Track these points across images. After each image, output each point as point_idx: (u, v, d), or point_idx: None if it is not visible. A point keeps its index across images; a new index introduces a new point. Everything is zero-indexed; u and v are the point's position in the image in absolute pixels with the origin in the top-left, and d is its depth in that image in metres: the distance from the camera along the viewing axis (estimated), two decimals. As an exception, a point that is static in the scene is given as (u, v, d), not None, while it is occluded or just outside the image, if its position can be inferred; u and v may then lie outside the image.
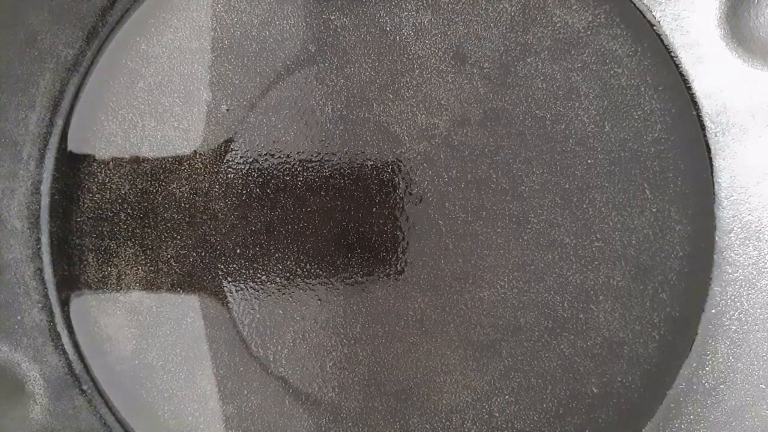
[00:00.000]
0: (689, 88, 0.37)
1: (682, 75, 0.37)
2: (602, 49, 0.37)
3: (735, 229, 0.36)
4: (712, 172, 0.36)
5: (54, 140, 0.36)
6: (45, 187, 0.35)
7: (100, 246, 0.35)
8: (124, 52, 0.36)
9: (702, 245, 0.36)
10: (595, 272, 0.35)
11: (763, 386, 0.33)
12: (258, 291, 0.35)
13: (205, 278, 0.35)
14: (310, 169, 0.35)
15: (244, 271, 0.35)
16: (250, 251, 0.35)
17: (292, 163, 0.35)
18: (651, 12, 0.37)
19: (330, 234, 0.35)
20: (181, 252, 0.35)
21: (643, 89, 0.37)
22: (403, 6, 0.37)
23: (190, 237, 0.35)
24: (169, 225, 0.35)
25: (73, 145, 0.36)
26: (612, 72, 0.37)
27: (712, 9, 0.35)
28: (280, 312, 0.35)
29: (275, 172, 0.35)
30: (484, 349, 0.34)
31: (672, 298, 0.35)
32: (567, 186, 0.36)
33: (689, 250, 0.36)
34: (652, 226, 0.36)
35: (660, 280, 0.35)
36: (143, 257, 0.35)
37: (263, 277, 0.35)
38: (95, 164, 0.36)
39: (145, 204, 0.35)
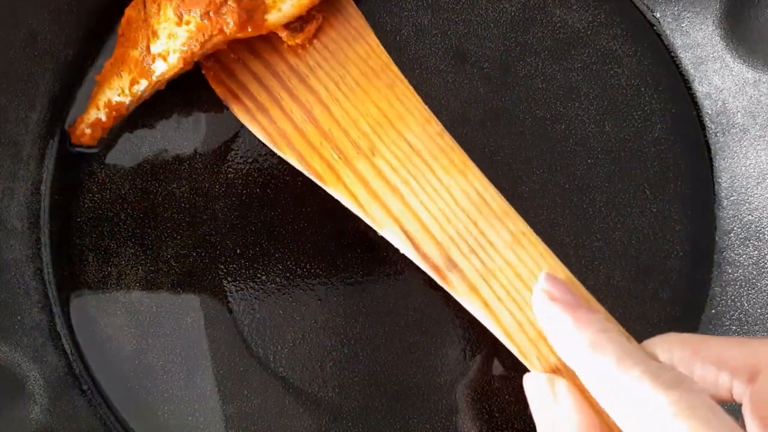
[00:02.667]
0: (689, 88, 0.37)
1: (682, 75, 0.37)
2: (602, 49, 0.37)
3: (735, 229, 0.36)
4: (712, 172, 0.36)
5: (54, 140, 0.36)
6: (45, 187, 0.35)
7: (100, 246, 0.35)
8: (124, 52, 0.36)
9: (702, 245, 0.36)
10: (595, 272, 0.35)
11: (763, 386, 0.33)
12: (258, 291, 0.35)
13: (205, 278, 0.35)
14: (310, 169, 0.35)
15: (244, 271, 0.35)
16: (250, 251, 0.35)
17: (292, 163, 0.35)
18: (651, 12, 0.37)
19: (330, 233, 0.35)
20: (181, 252, 0.35)
21: (643, 89, 0.37)
22: (403, 6, 0.37)
23: (190, 237, 0.35)
24: (169, 225, 0.35)
25: (73, 145, 0.36)
26: (612, 72, 0.37)
27: (712, 9, 0.35)
28: (280, 312, 0.35)
29: (275, 172, 0.35)
30: (485, 348, 0.34)
31: (672, 298, 0.35)
32: (567, 186, 0.36)
33: (689, 250, 0.36)
34: (652, 226, 0.36)
35: (660, 280, 0.35)
36: (143, 257, 0.35)
37: (263, 277, 0.35)
38: (95, 164, 0.36)
39: (145, 204, 0.35)
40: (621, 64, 0.37)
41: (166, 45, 0.32)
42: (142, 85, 0.33)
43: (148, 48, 0.32)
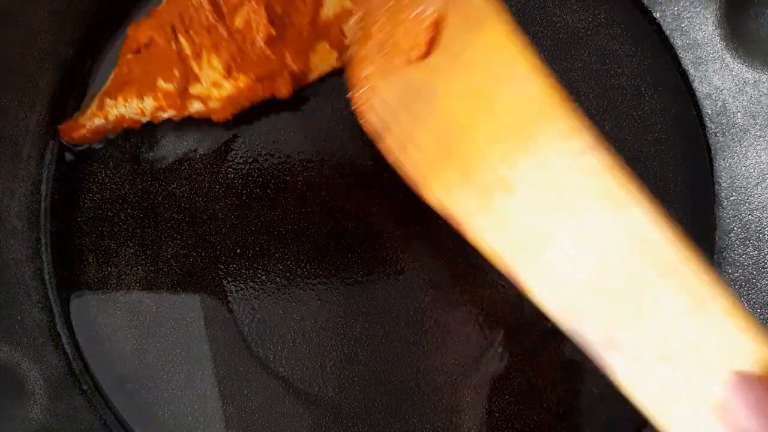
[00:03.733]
0: (689, 88, 0.37)
1: (682, 75, 0.37)
2: (602, 49, 0.37)
3: (735, 229, 0.36)
4: (712, 172, 0.36)
5: (54, 140, 0.36)
6: (45, 187, 0.35)
7: (100, 246, 0.35)
8: (124, 52, 0.36)
9: (702, 245, 0.36)
10: (595, 272, 0.35)
11: (763, 386, 0.33)
12: (258, 291, 0.35)
13: (205, 278, 0.35)
14: (310, 169, 0.35)
15: (244, 271, 0.35)
16: (250, 251, 0.35)
17: (292, 163, 0.35)
18: (651, 12, 0.37)
19: (330, 234, 0.35)
20: (181, 252, 0.35)
21: (643, 89, 0.37)
22: (403, 6, 0.37)
23: (190, 237, 0.35)
24: (169, 225, 0.35)
25: (73, 145, 0.36)
26: (612, 72, 0.37)
27: (712, 9, 0.35)
28: (280, 312, 0.35)
29: (275, 172, 0.35)
30: (484, 348, 0.34)
31: (672, 298, 0.35)
32: (567, 186, 0.36)
33: (689, 250, 0.36)
34: (652, 226, 0.36)
35: (660, 280, 0.35)
36: (143, 257, 0.35)
37: (263, 277, 0.35)
38: (95, 164, 0.36)
39: (145, 204, 0.35)
40: (621, 64, 0.37)
41: (208, 91, 0.32)
42: (169, 113, 0.33)
43: (185, 87, 0.32)
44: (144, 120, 0.34)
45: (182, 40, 0.31)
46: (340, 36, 0.32)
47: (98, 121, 0.34)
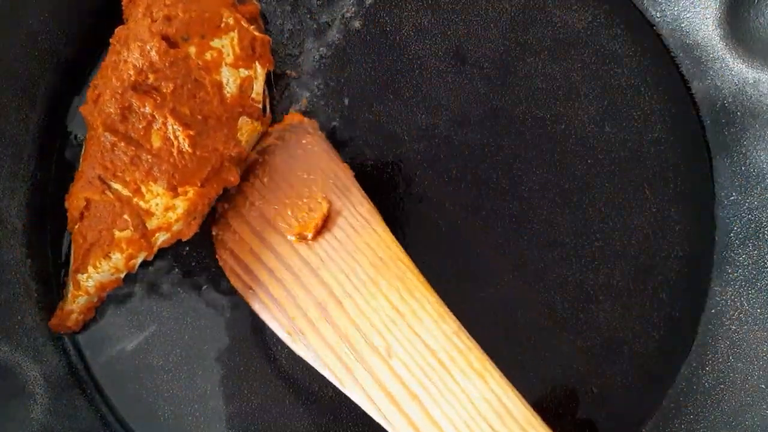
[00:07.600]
0: (689, 88, 0.37)
1: (682, 75, 0.37)
2: (602, 49, 0.37)
3: (735, 229, 0.36)
4: (711, 171, 0.36)
5: (54, 140, 0.36)
6: (45, 187, 0.35)
7: (100, 246, 0.35)
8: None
9: (702, 245, 0.36)
10: (595, 272, 0.35)
11: (763, 386, 0.33)
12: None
13: (205, 278, 0.35)
14: (310, 169, 0.35)
15: (244, 271, 0.35)
16: (250, 251, 0.35)
17: (292, 163, 0.35)
18: (651, 12, 0.37)
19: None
20: (181, 252, 0.35)
21: (643, 89, 0.37)
22: (403, 6, 0.37)
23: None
24: (169, 225, 0.35)
25: (73, 145, 0.36)
26: (612, 72, 0.37)
27: (712, 9, 0.35)
28: (280, 312, 0.35)
29: (275, 172, 0.35)
30: (483, 348, 0.34)
31: (672, 298, 0.35)
32: (567, 186, 0.36)
33: (689, 250, 0.36)
34: (652, 226, 0.36)
35: (660, 280, 0.35)
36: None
37: (263, 277, 0.35)
38: (95, 164, 0.36)
39: (145, 204, 0.35)
40: (621, 64, 0.37)
41: (165, 217, 0.31)
42: (141, 256, 0.32)
43: (143, 226, 0.31)
44: (122, 275, 0.33)
45: (115, 185, 0.30)
46: (253, 104, 0.32)
47: (82, 299, 0.33)
